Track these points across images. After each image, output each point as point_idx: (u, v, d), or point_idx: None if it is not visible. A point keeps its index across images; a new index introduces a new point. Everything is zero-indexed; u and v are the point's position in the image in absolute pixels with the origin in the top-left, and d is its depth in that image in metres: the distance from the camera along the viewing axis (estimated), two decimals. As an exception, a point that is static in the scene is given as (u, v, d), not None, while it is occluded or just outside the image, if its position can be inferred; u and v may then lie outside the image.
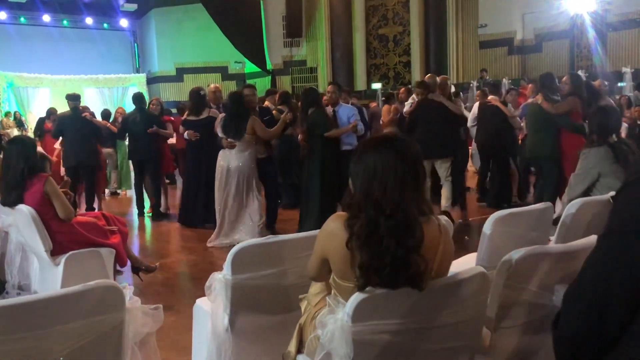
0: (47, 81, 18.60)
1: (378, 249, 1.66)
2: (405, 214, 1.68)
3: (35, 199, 3.66)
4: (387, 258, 1.65)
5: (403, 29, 17.45)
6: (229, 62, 20.45)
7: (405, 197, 1.69)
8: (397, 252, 1.65)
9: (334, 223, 1.79)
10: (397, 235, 1.66)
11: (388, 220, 1.67)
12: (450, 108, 6.27)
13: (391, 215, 1.67)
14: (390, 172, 1.70)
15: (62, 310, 1.72)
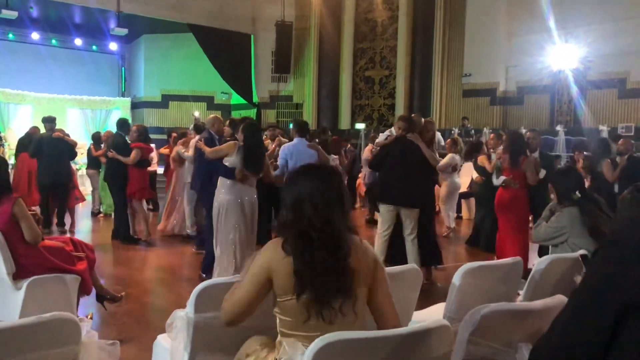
0: (31, 98, 18.44)
1: (311, 259, 1.84)
2: (334, 228, 1.89)
3: (2, 220, 3.58)
4: (319, 267, 1.83)
5: (389, 72, 17.78)
6: (216, 92, 20.55)
7: (333, 215, 1.91)
8: (328, 261, 1.83)
9: (273, 244, 1.96)
10: (327, 247, 1.86)
11: (319, 234, 1.87)
12: (425, 155, 5.60)
13: (321, 229, 1.88)
14: (318, 194, 1.92)
15: (16, 342, 1.66)
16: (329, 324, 1.84)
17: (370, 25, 18.07)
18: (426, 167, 5.67)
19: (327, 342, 1.64)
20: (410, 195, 5.55)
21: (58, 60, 19.97)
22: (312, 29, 18.42)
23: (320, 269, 1.83)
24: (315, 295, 1.83)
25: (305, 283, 1.83)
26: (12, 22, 16.71)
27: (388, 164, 5.64)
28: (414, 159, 5.56)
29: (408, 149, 5.59)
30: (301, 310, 1.85)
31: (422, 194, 5.69)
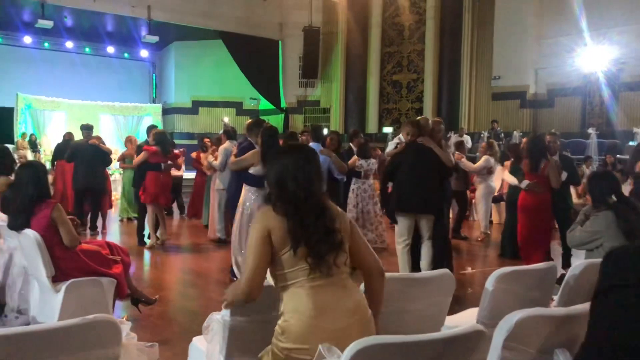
0: (64, 105, 18.90)
1: (301, 221, 2.06)
2: (317, 200, 2.13)
3: (41, 225, 3.69)
4: (311, 227, 2.05)
5: (417, 76, 17.71)
6: (244, 98, 20.77)
7: (314, 189, 2.14)
8: (317, 223, 2.06)
9: (263, 210, 2.17)
10: (315, 212, 2.09)
11: (304, 205, 2.08)
12: (440, 157, 5.42)
13: (306, 200, 2.09)
14: (300, 170, 2.14)
15: (60, 342, 1.72)
16: (329, 274, 2.06)
17: (397, 29, 18.03)
18: (441, 170, 5.51)
19: (363, 346, 1.66)
20: (428, 201, 5.38)
21: (91, 67, 20.44)
22: (339, 33, 18.48)
23: (312, 229, 2.06)
24: (311, 252, 2.05)
25: (300, 240, 2.05)
26: (48, 32, 17.20)
27: (402, 172, 5.44)
28: (428, 163, 5.39)
29: (420, 153, 5.41)
30: (299, 261, 2.06)
31: (438, 199, 5.53)
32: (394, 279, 2.66)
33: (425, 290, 2.69)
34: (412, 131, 5.48)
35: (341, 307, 2.05)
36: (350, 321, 2.04)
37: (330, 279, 2.06)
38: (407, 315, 2.65)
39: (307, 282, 2.05)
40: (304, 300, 2.04)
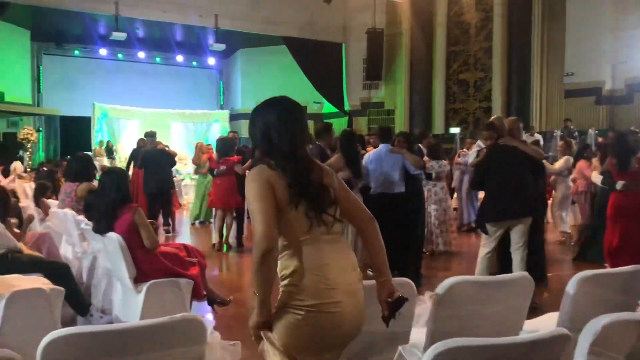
0: (138, 114, 19.70)
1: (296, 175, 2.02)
2: (301, 153, 2.09)
3: (124, 228, 3.87)
4: (304, 184, 2.02)
5: (484, 74, 17.31)
6: (308, 102, 20.94)
7: (297, 141, 2.08)
8: (310, 178, 2.04)
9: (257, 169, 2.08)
10: (304, 168, 2.06)
11: (287, 159, 2.04)
12: (528, 153, 5.08)
13: (290, 153, 2.05)
14: (282, 123, 2.09)
15: (149, 340, 1.80)
16: (330, 229, 2.06)
17: (463, 28, 17.70)
18: (533, 167, 5.14)
19: (445, 348, 1.65)
20: (524, 204, 4.98)
21: (161, 76, 21.24)
22: (403, 34, 18.34)
23: (306, 183, 2.03)
24: (312, 206, 2.02)
25: (299, 194, 2.01)
26: (121, 43, 18.01)
27: (491, 180, 5.09)
28: (517, 162, 5.05)
29: (506, 155, 5.09)
30: (302, 218, 2.01)
31: (534, 198, 5.15)
32: (470, 282, 2.63)
33: (502, 294, 2.64)
34: (489, 135, 5.22)
35: (344, 262, 2.08)
36: (353, 275, 2.08)
37: (331, 236, 2.06)
38: (483, 319, 2.60)
39: (310, 238, 2.02)
40: (313, 256, 2.01)
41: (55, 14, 16.45)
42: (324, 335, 1.98)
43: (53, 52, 20.05)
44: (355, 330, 2.06)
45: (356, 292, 2.04)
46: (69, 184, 5.78)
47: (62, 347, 1.69)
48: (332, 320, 1.97)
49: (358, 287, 2.07)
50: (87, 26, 17.88)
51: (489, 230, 5.04)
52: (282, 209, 2.01)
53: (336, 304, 1.97)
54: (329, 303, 1.97)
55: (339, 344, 2.06)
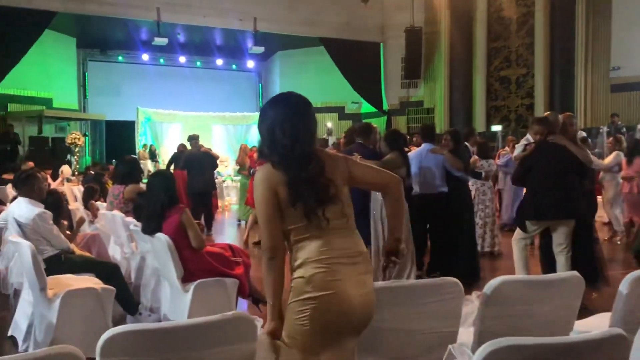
0: (180, 117, 20.10)
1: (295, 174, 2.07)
2: (302, 149, 2.10)
3: (171, 229, 3.96)
4: (301, 181, 2.07)
5: (526, 71, 16.97)
6: (346, 102, 20.96)
7: (299, 136, 2.11)
8: (302, 176, 2.07)
9: (262, 169, 2.17)
10: (299, 164, 2.08)
11: (288, 157, 2.09)
12: (576, 154, 4.86)
13: (291, 150, 2.09)
14: (286, 120, 2.13)
15: (202, 337, 1.85)
16: (325, 227, 2.08)
17: (503, 24, 17.39)
18: (580, 169, 4.95)
19: (496, 347, 1.64)
20: (565, 205, 4.80)
21: (201, 80, 21.58)
22: (442, 32, 18.14)
23: (296, 181, 2.07)
24: (309, 204, 2.07)
25: (296, 194, 2.07)
26: (163, 48, 18.41)
27: (535, 177, 4.92)
28: (564, 163, 4.85)
29: (553, 153, 4.89)
30: (300, 217, 2.08)
31: (579, 201, 4.92)
32: (518, 282, 2.60)
33: (551, 293, 2.59)
34: (540, 130, 4.99)
35: (350, 252, 2.11)
36: (360, 267, 2.12)
37: (334, 228, 2.11)
38: (531, 319, 2.57)
39: (312, 235, 2.09)
40: (318, 249, 2.07)
41: (100, 21, 16.93)
42: (330, 326, 2.03)
43: (98, 58, 20.64)
44: (364, 320, 2.11)
45: (364, 282, 2.09)
46: (117, 186, 5.94)
47: (121, 343, 1.75)
48: (338, 311, 2.02)
49: (365, 278, 2.11)
50: (130, 32, 18.34)
51: (528, 227, 4.93)
52: (285, 207, 2.10)
53: (342, 295, 2.03)
54: (335, 294, 2.02)
55: (347, 334, 2.09)
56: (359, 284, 2.07)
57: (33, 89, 17.19)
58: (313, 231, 2.09)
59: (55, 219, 4.51)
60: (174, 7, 16.25)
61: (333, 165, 2.17)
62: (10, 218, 4.35)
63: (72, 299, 3.71)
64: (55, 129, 18.07)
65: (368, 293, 2.10)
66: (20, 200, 4.45)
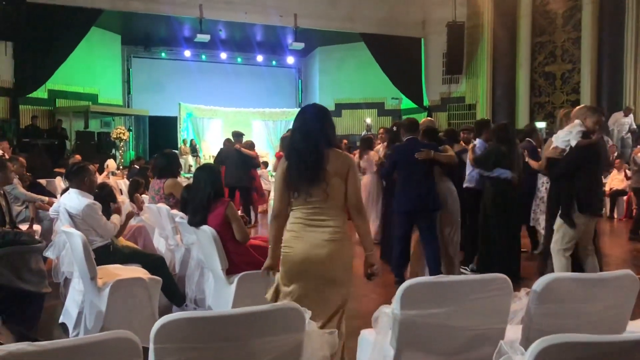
0: (220, 113, 20.37)
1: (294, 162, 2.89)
2: (312, 146, 2.84)
3: (216, 221, 4.03)
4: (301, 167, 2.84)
5: (572, 66, 16.52)
6: (386, 98, 20.84)
7: (310, 138, 2.86)
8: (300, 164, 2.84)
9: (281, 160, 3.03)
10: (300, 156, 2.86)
11: (300, 147, 2.88)
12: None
13: (294, 148, 2.92)
14: (305, 125, 2.92)
15: (253, 326, 1.87)
16: (308, 201, 2.85)
17: (549, 18, 16.96)
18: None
19: (549, 343, 1.61)
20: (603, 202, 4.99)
21: (242, 76, 21.80)
22: (485, 26, 17.81)
23: (294, 167, 2.87)
24: (297, 188, 2.87)
25: (290, 180, 2.89)
26: (205, 45, 18.66)
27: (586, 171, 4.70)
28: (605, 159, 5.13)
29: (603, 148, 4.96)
30: (291, 192, 2.91)
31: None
32: (569, 279, 2.54)
33: (604, 292, 2.53)
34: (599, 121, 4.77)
35: (323, 222, 2.85)
36: (319, 236, 2.84)
37: (309, 203, 2.85)
38: (582, 318, 2.51)
39: (297, 206, 2.90)
40: (296, 218, 2.90)
41: (144, 18, 17.27)
42: (293, 268, 2.88)
43: (142, 55, 21.08)
44: (319, 272, 2.84)
45: (322, 245, 2.82)
46: (156, 181, 6.05)
47: (174, 330, 1.79)
48: (295, 261, 2.87)
49: (325, 243, 2.83)
50: (173, 29, 18.66)
51: (578, 221, 4.66)
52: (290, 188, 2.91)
53: (297, 250, 2.86)
54: (293, 249, 2.88)
55: (308, 278, 2.85)
56: (316, 245, 2.82)
57: (79, 84, 17.69)
58: (300, 203, 2.89)
59: (106, 211, 4.64)
60: (216, 4, 16.45)
61: (335, 160, 2.87)
62: (62, 209, 4.49)
63: (121, 288, 3.82)
64: (100, 124, 18.56)
65: (321, 254, 2.82)
66: (71, 192, 4.59)
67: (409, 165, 5.45)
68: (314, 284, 2.85)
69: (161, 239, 5.86)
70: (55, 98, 17.07)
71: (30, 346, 1.52)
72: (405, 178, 5.51)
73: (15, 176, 6.70)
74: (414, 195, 5.44)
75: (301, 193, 2.83)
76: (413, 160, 5.37)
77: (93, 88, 18.21)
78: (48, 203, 6.70)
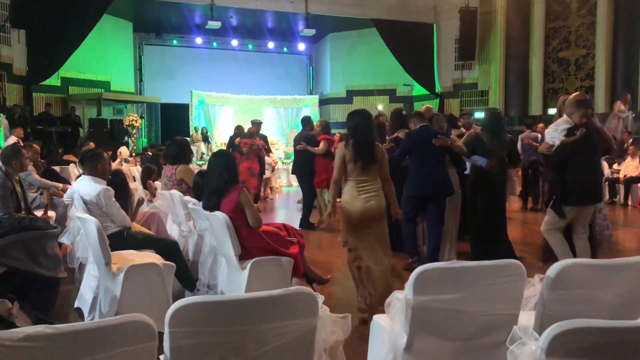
0: (232, 100, 20.37)
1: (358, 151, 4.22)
2: (367, 138, 4.26)
3: (229, 207, 4.04)
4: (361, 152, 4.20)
5: (587, 51, 16.31)
6: (398, 85, 20.72)
7: (367, 133, 4.28)
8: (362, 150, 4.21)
9: (340, 147, 4.37)
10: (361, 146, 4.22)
11: (357, 137, 4.25)
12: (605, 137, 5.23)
13: (360, 137, 4.24)
14: (361, 123, 4.31)
15: (267, 310, 1.89)
16: (362, 174, 4.22)
17: (563, 3, 16.72)
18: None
19: (563, 329, 1.61)
20: (600, 190, 5.32)
21: (253, 63, 21.76)
22: (498, 12, 17.60)
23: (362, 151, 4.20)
24: (362, 162, 4.19)
25: (357, 158, 4.19)
26: (216, 32, 18.63)
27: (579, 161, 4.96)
28: (600, 144, 5.12)
29: (596, 136, 5.05)
30: (356, 167, 4.21)
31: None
32: (583, 265, 2.52)
33: (618, 278, 2.51)
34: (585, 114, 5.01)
35: (369, 187, 4.22)
36: (372, 196, 4.20)
37: (367, 177, 4.22)
38: (596, 304, 2.50)
39: (356, 178, 4.22)
40: (352, 185, 4.23)
41: (155, 5, 17.27)
42: (351, 218, 4.19)
43: (153, 42, 21.09)
44: (369, 217, 4.18)
45: (369, 200, 4.17)
46: (168, 167, 6.08)
47: (189, 314, 1.81)
48: (353, 212, 4.19)
49: (371, 198, 4.19)
50: (184, 16, 18.63)
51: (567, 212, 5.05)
52: (348, 164, 4.21)
53: (354, 205, 4.19)
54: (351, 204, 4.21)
55: (362, 225, 4.18)
56: (366, 200, 4.17)
57: (92, 72, 17.75)
58: (355, 176, 4.23)
59: (122, 198, 4.68)
60: (227, -10, 16.40)
61: (378, 149, 4.29)
62: (76, 195, 4.53)
63: (135, 274, 3.85)
64: (113, 111, 18.64)
65: (370, 205, 4.16)
66: (84, 178, 4.63)
67: (424, 152, 5.64)
68: (367, 228, 4.18)
69: (174, 225, 5.90)
70: (68, 85, 17.16)
71: (48, 328, 1.55)
72: (420, 164, 5.69)
73: (30, 163, 6.77)
74: (430, 181, 5.68)
75: (363, 170, 4.21)
76: (428, 147, 5.56)
77: (105, 75, 18.27)
78: (62, 189, 6.77)
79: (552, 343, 1.61)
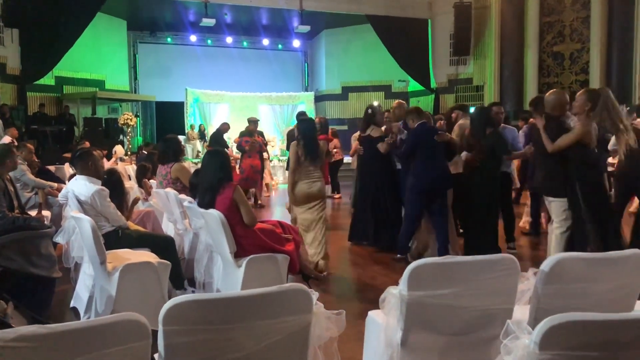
0: (227, 97, 20.33)
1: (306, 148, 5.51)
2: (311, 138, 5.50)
3: (224, 205, 4.04)
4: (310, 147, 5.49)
5: (581, 45, 16.33)
6: (393, 81, 20.73)
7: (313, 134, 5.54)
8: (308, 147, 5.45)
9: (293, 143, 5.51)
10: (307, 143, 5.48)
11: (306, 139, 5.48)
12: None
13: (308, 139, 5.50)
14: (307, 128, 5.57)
15: (261, 307, 1.88)
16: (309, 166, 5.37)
17: (557, -3, 16.75)
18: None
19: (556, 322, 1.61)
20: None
21: (248, 60, 21.73)
22: (492, 7, 17.61)
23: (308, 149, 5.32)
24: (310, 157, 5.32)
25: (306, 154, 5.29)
26: (210, 29, 18.57)
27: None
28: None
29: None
30: (306, 160, 5.31)
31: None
32: (577, 259, 2.52)
33: (613, 272, 2.52)
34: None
35: (314, 175, 5.35)
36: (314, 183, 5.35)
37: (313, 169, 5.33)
38: (590, 298, 2.50)
39: (305, 171, 5.30)
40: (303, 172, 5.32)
41: (149, 3, 17.23)
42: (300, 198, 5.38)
43: (147, 40, 21.04)
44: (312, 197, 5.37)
45: (312, 184, 5.35)
46: (162, 166, 6.07)
47: (183, 312, 1.80)
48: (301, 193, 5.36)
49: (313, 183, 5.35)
50: (178, 14, 18.58)
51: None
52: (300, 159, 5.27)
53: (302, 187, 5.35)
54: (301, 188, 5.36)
55: (307, 201, 5.38)
56: (310, 185, 5.33)
57: (86, 71, 17.70)
58: (305, 168, 5.31)
59: (116, 198, 4.67)
60: (220, -13, 16.35)
61: (320, 147, 5.43)
62: (71, 194, 4.51)
63: (130, 272, 3.84)
64: (108, 110, 18.59)
65: (313, 189, 5.34)
66: (79, 178, 4.60)
67: (428, 147, 5.82)
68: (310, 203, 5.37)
69: (170, 223, 5.89)
70: (62, 85, 17.10)
71: (41, 328, 1.54)
72: (426, 159, 5.85)
73: (24, 162, 6.74)
74: (436, 175, 5.85)
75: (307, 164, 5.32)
76: (432, 143, 5.78)
77: (100, 74, 18.21)
78: (57, 189, 6.74)
79: (545, 336, 1.61)
